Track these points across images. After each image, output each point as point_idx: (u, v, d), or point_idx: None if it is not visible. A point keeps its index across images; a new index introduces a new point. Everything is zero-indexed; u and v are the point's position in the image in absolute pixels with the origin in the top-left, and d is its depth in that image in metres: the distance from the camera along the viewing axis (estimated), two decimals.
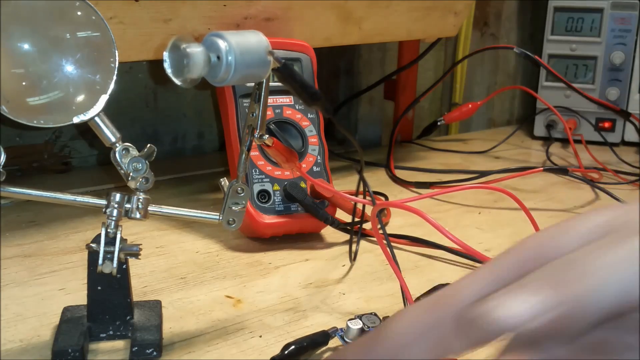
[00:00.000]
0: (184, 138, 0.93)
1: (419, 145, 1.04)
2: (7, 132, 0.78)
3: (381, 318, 0.45)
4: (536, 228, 0.48)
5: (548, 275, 0.23)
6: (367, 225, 0.63)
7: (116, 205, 0.40)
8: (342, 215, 0.62)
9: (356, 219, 0.60)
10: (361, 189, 0.57)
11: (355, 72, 1.06)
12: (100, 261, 0.40)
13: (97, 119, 0.39)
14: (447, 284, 0.49)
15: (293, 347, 0.41)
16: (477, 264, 0.58)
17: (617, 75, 1.04)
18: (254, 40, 0.39)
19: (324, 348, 0.43)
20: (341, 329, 0.44)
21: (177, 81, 0.37)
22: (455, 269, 0.57)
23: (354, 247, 0.58)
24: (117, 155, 0.40)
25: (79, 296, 0.47)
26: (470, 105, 1.01)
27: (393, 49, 1.06)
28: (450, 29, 0.87)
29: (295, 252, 0.59)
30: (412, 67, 1.00)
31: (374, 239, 0.62)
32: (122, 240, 0.41)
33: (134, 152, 0.40)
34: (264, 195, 0.59)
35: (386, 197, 0.70)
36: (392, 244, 0.61)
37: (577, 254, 0.24)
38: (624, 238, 0.24)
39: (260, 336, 0.45)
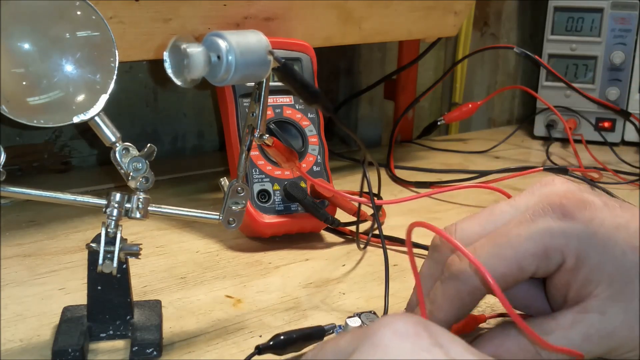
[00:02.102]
0: (184, 138, 0.93)
1: (419, 145, 1.04)
2: (7, 132, 0.78)
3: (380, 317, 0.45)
4: None
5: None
6: (364, 226, 0.64)
7: (116, 205, 0.40)
8: (342, 215, 0.62)
9: (354, 219, 0.60)
10: (365, 187, 0.57)
11: (355, 72, 1.06)
12: (100, 261, 0.40)
13: (97, 118, 0.39)
14: None
15: (282, 337, 0.41)
16: None
17: (617, 75, 1.04)
18: (254, 39, 0.39)
19: (318, 343, 0.43)
20: (339, 326, 0.44)
21: (177, 81, 0.37)
22: None
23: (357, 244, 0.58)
24: (117, 155, 0.40)
25: (79, 296, 0.47)
26: (470, 105, 1.01)
27: (393, 49, 1.06)
28: (450, 29, 0.87)
29: (295, 252, 0.59)
30: (412, 67, 1.00)
31: (375, 239, 0.62)
32: (122, 240, 0.41)
33: (134, 151, 0.40)
34: (264, 195, 0.59)
35: (379, 198, 0.70)
36: (393, 246, 0.61)
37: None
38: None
39: (260, 336, 0.45)
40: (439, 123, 1.02)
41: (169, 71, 0.37)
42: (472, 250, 0.37)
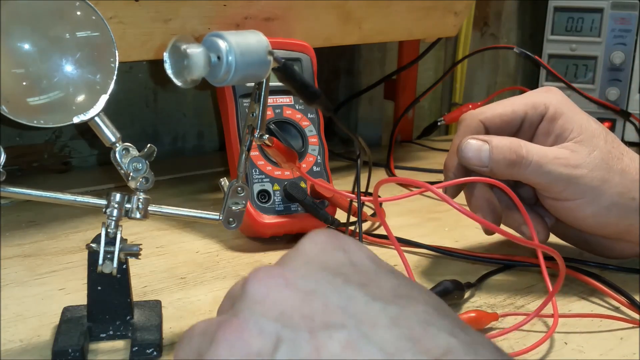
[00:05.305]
0: (184, 138, 0.93)
1: (419, 145, 1.04)
2: (7, 132, 0.78)
3: None
4: (529, 225, 0.48)
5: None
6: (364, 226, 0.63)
7: (116, 205, 0.40)
8: (342, 215, 0.62)
9: (354, 219, 0.60)
10: (361, 187, 0.57)
11: (355, 72, 1.06)
12: (100, 261, 0.40)
13: (97, 119, 0.39)
14: (453, 280, 0.49)
15: None
16: (477, 262, 0.58)
17: (617, 75, 1.04)
18: (254, 40, 0.39)
19: None
20: None
21: (177, 82, 0.37)
22: (456, 267, 0.57)
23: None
24: (117, 155, 0.40)
25: (79, 296, 0.47)
26: (470, 106, 1.00)
27: (393, 49, 1.06)
28: (450, 29, 0.87)
29: None
30: (412, 67, 1.00)
31: (375, 238, 0.62)
32: (122, 240, 0.41)
33: (134, 152, 0.40)
34: (264, 195, 0.59)
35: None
36: (390, 246, 0.61)
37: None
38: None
39: None
40: (439, 124, 1.02)
41: (169, 72, 0.37)
42: (485, 108, 0.55)
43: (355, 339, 0.26)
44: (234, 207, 0.45)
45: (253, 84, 0.43)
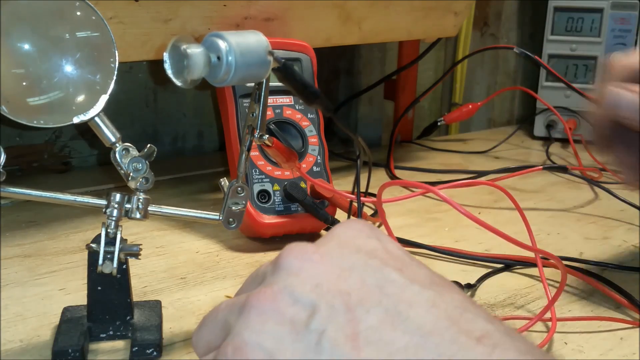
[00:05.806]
0: (184, 138, 0.93)
1: (419, 145, 1.04)
2: (7, 132, 0.78)
3: None
4: (527, 226, 0.48)
5: None
6: None
7: (116, 205, 0.40)
8: (342, 215, 0.62)
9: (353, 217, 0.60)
10: (361, 187, 0.57)
11: (355, 72, 1.06)
12: (100, 261, 0.40)
13: (97, 119, 0.40)
14: (453, 281, 0.49)
15: None
16: (477, 262, 0.58)
17: None
18: (254, 40, 0.39)
19: None
20: None
21: (177, 82, 0.37)
22: (456, 267, 0.57)
23: None
24: (117, 155, 0.40)
25: (79, 296, 0.47)
26: (470, 106, 1.01)
27: (393, 49, 1.06)
28: (450, 29, 0.87)
29: None
30: (412, 67, 1.00)
31: None
32: (122, 240, 0.41)
33: (134, 152, 0.41)
34: (264, 195, 0.59)
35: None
36: None
37: None
38: None
39: None
40: (439, 124, 1.02)
41: (169, 72, 0.37)
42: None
43: (393, 315, 0.25)
44: (234, 207, 0.45)
45: (253, 84, 0.43)
